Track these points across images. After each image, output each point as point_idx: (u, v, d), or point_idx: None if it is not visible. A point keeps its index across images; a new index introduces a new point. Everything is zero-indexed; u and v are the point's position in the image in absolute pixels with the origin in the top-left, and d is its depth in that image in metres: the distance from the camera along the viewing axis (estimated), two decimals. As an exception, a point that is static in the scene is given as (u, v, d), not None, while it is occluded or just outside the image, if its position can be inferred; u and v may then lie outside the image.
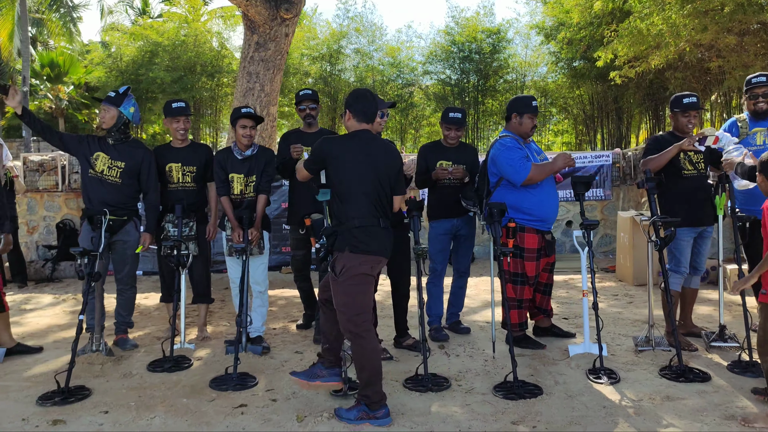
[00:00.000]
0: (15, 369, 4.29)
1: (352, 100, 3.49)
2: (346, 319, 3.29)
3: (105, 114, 4.51)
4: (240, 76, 10.97)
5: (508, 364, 4.22)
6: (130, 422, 3.31)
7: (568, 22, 17.84)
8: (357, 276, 3.27)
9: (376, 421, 3.25)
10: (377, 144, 3.47)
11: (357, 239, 3.27)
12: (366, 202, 3.32)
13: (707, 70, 15.63)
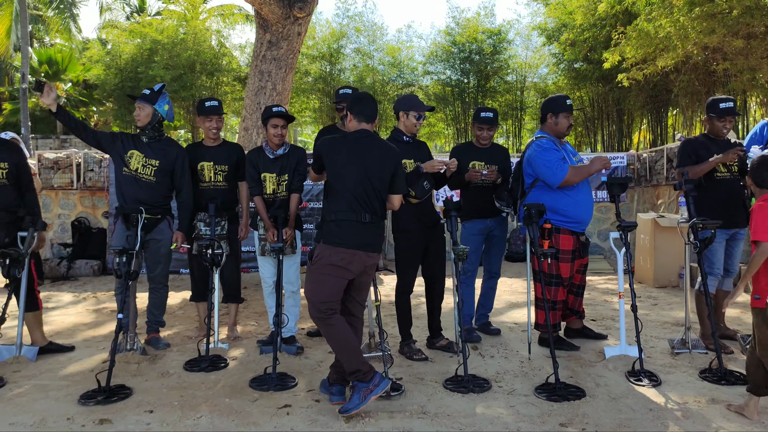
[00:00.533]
0: (50, 368, 4.27)
1: (353, 102, 3.64)
2: (312, 305, 3.44)
3: (140, 112, 4.49)
4: (252, 74, 10.94)
5: (544, 365, 4.25)
6: (177, 422, 3.29)
7: (570, 23, 17.91)
8: (327, 266, 3.40)
9: (377, 389, 3.33)
10: (369, 144, 3.55)
11: (331, 232, 3.43)
12: (348, 198, 3.44)
13: (711, 72, 15.66)
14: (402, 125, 4.44)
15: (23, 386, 3.89)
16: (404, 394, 3.69)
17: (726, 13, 10.85)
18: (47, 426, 3.25)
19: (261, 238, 4.63)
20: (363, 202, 3.47)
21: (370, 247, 3.50)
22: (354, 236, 3.43)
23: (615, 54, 13.30)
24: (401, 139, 4.45)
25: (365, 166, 3.47)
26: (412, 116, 4.40)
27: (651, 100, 17.74)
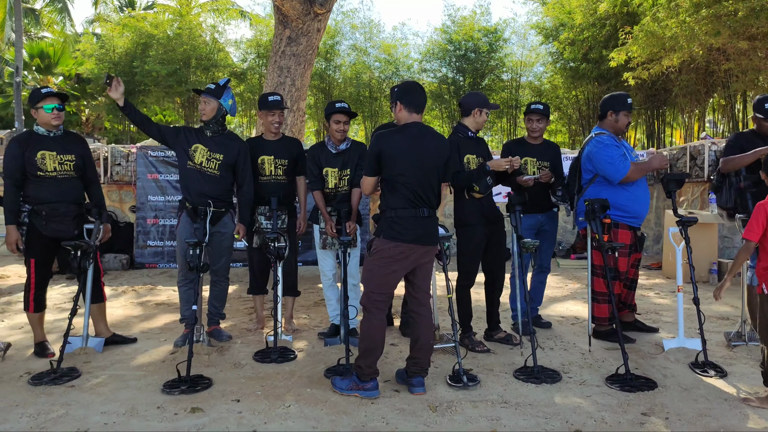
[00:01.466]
0: (119, 359, 4.31)
1: (403, 92, 3.65)
2: (365, 293, 3.59)
3: (205, 106, 4.52)
4: (270, 70, 10.97)
5: (606, 357, 4.33)
6: (267, 410, 3.34)
7: (569, 23, 18.06)
8: (385, 258, 3.52)
9: (364, 392, 3.51)
10: (424, 136, 3.60)
11: (390, 227, 3.51)
12: (407, 194, 3.51)
13: (711, 72, 15.85)
14: (472, 121, 4.49)
15: (99, 376, 3.93)
16: (480, 384, 3.75)
17: (731, 14, 10.98)
18: (139, 414, 3.30)
19: (323, 232, 4.68)
20: (421, 197, 3.54)
21: (428, 240, 3.59)
22: (412, 231, 3.51)
23: (622, 53, 13.40)
24: (466, 134, 4.51)
25: (423, 160, 3.54)
26: (485, 113, 4.47)
27: (649, 99, 17.88)
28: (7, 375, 3.98)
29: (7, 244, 4.16)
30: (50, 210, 4.26)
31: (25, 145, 4.21)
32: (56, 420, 3.24)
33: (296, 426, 3.15)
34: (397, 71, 23.07)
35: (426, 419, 3.25)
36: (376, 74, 23.02)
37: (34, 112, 4.28)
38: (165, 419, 3.24)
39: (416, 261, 3.60)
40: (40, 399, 3.54)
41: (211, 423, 3.18)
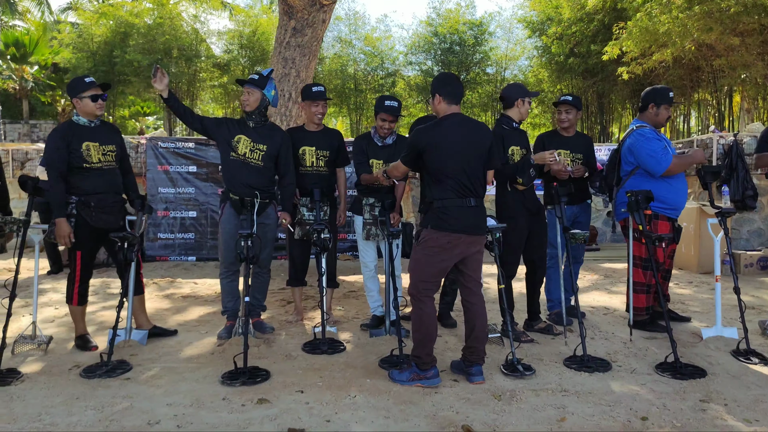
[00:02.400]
0: (166, 351, 4.29)
1: (440, 84, 3.68)
2: (412, 283, 3.63)
3: (249, 97, 4.49)
4: (275, 61, 10.90)
5: (648, 346, 4.40)
6: (334, 401, 3.35)
7: (556, 17, 18.22)
8: (433, 248, 3.56)
9: (426, 381, 3.54)
10: (467, 126, 3.64)
11: (438, 218, 3.54)
12: (452, 185, 3.55)
13: (698, 68, 16.12)
14: (516, 112, 4.50)
15: (152, 369, 3.91)
16: (536, 373, 3.79)
17: (724, 11, 11.14)
18: (206, 406, 3.29)
19: (367, 223, 4.69)
20: (467, 187, 3.57)
21: (476, 230, 3.62)
22: (460, 221, 3.54)
23: (615, 48, 13.53)
24: (510, 125, 4.54)
25: (466, 150, 3.57)
26: (527, 102, 4.49)
27: (635, 94, 18.07)
28: (57, 368, 3.94)
29: (59, 238, 4.11)
30: (98, 201, 4.22)
31: (69, 137, 4.15)
32: (123, 412, 3.22)
33: (368, 416, 3.17)
34: (383, 64, 23.09)
35: (494, 407, 3.29)
36: (361, 66, 23.03)
37: (77, 102, 4.22)
38: (234, 410, 3.24)
39: (464, 251, 3.62)
40: (98, 392, 3.51)
41: (282, 414, 3.19)
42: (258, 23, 22.08)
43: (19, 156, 11.06)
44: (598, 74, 17.88)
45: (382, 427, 3.04)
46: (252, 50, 22.31)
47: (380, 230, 4.64)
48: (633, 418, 3.16)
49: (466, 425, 3.06)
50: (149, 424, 3.08)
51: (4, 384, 3.60)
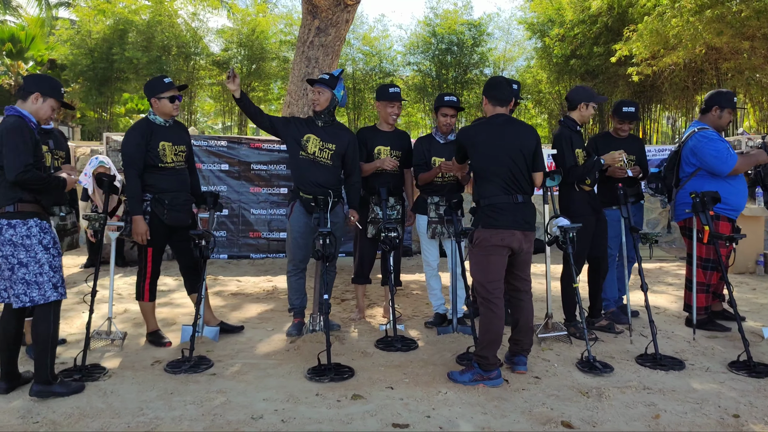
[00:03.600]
0: (240, 348, 4.34)
1: (488, 87, 3.82)
2: (481, 286, 3.65)
3: (320, 96, 4.54)
4: (297, 60, 10.93)
5: (713, 345, 4.47)
6: (427, 398, 3.40)
7: (558, 19, 18.33)
8: (489, 247, 3.61)
9: (489, 382, 3.58)
10: (510, 126, 3.73)
11: (488, 216, 3.62)
12: (499, 182, 3.63)
13: (701, 70, 16.28)
14: (578, 114, 4.57)
15: (233, 365, 3.96)
16: (614, 371, 3.85)
17: (735, 15, 11.26)
18: (302, 401, 3.34)
19: (432, 221, 4.74)
20: (513, 183, 3.65)
21: (526, 226, 3.68)
22: (510, 217, 3.61)
23: (625, 49, 13.62)
24: (575, 128, 4.60)
25: (510, 148, 3.65)
26: (591, 106, 4.55)
27: (636, 96, 18.18)
28: (138, 363, 3.99)
29: (136, 235, 4.14)
30: (171, 199, 4.26)
31: (147, 135, 4.19)
32: (223, 407, 3.27)
33: (465, 412, 3.22)
34: (381, 64, 23.18)
35: (586, 404, 3.35)
36: (359, 66, 23.12)
37: (155, 102, 4.25)
38: (332, 406, 3.29)
39: (517, 247, 3.67)
40: (190, 387, 3.56)
41: (380, 410, 3.24)
42: (257, 22, 22.14)
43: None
44: (599, 76, 17.99)
45: (483, 423, 3.10)
46: (250, 48, 22.40)
47: (446, 229, 4.69)
48: (725, 416, 3.23)
49: (566, 421, 3.12)
50: (253, 419, 3.13)
51: (92, 379, 3.64)
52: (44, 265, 3.29)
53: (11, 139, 3.17)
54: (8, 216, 3.24)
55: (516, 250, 3.67)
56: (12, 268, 3.24)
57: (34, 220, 3.30)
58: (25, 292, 3.25)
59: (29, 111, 3.33)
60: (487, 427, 3.06)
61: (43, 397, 3.33)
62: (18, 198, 3.24)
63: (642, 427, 3.08)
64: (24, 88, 3.34)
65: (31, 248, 3.25)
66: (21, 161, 3.15)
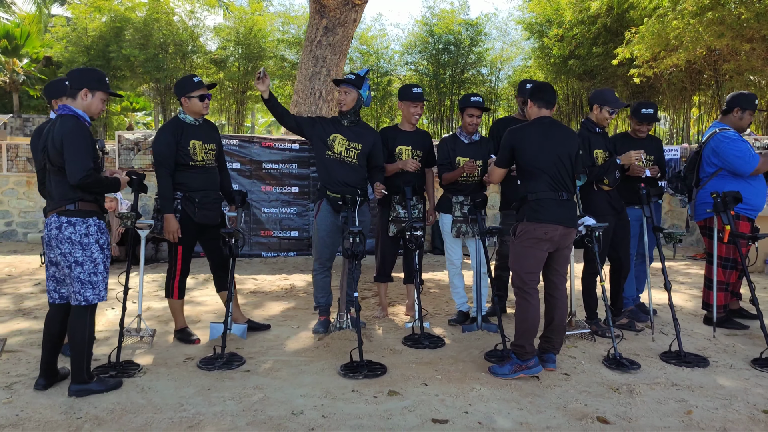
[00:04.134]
0: (269, 345, 4.38)
1: (534, 91, 3.93)
2: (518, 276, 3.78)
3: (346, 96, 4.58)
4: (305, 59, 10.99)
5: (733, 342, 4.54)
6: (461, 394, 3.46)
7: (557, 19, 18.45)
8: (531, 239, 3.73)
9: (529, 371, 3.69)
10: (555, 128, 3.85)
11: (534, 210, 3.73)
12: (546, 179, 3.74)
13: (700, 71, 16.43)
14: (594, 117, 4.64)
15: (265, 362, 4.00)
16: (641, 368, 3.92)
17: (736, 17, 11.38)
18: (339, 398, 3.39)
19: (457, 221, 4.79)
20: (559, 181, 3.77)
21: (569, 222, 3.78)
22: (554, 212, 3.72)
23: (627, 51, 13.71)
24: (593, 129, 4.67)
25: (556, 148, 3.77)
26: (605, 110, 4.61)
27: (635, 96, 18.31)
28: (170, 360, 4.03)
29: (167, 233, 4.19)
30: (202, 197, 4.30)
31: (178, 134, 4.23)
32: (262, 403, 3.32)
33: (502, 408, 3.28)
34: (378, 63, 23.25)
35: (618, 400, 3.41)
36: (357, 64, 23.20)
37: (185, 101, 4.29)
38: (370, 402, 3.34)
39: (557, 243, 3.78)
40: (225, 383, 3.60)
41: (418, 405, 3.29)
42: (254, 20, 22.21)
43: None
44: (597, 76, 18.13)
45: (521, 418, 3.15)
46: (248, 47, 22.50)
47: (470, 227, 4.74)
48: (755, 411, 3.29)
49: (601, 417, 3.18)
50: (293, 414, 3.18)
51: (127, 375, 3.69)
52: (99, 265, 3.33)
53: (73, 143, 3.20)
54: (68, 214, 3.28)
55: (557, 245, 3.76)
56: (70, 266, 3.28)
57: (93, 219, 3.34)
58: (79, 291, 3.29)
59: (82, 109, 3.36)
60: (525, 422, 3.11)
61: (81, 395, 3.36)
62: (79, 197, 3.29)
63: (676, 423, 3.14)
64: (70, 85, 3.37)
65: (88, 247, 3.29)
66: (83, 166, 3.19)
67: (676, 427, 3.08)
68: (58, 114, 3.33)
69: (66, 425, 3.04)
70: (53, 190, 3.33)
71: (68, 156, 3.20)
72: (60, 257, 3.29)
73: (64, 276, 3.37)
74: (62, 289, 3.45)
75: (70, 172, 3.19)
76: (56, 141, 3.23)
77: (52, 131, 3.28)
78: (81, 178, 3.18)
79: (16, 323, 4.92)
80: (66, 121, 3.27)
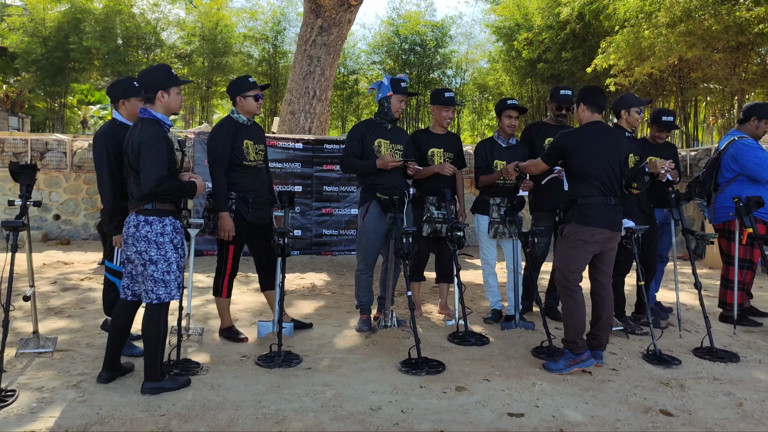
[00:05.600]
0: (317, 344, 4.46)
1: (586, 94, 4.09)
2: (562, 275, 3.95)
3: (402, 105, 4.68)
4: (299, 59, 11.05)
5: (751, 338, 4.82)
6: (525, 389, 3.60)
7: (525, 24, 19.08)
8: (578, 241, 3.90)
9: (583, 364, 3.85)
10: (608, 133, 4.03)
11: (583, 213, 3.90)
12: (596, 184, 3.92)
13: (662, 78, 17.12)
14: (624, 122, 4.84)
15: (322, 360, 4.08)
16: (682, 364, 4.13)
17: (706, 29, 11.95)
18: (411, 393, 3.50)
19: (494, 222, 4.94)
20: (608, 186, 3.95)
21: (616, 226, 3.98)
22: (602, 216, 3.90)
23: (604, 62, 14.14)
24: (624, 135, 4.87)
25: (608, 154, 3.95)
26: (634, 112, 4.81)
27: None
28: (227, 358, 4.08)
29: (222, 232, 4.22)
30: (255, 197, 4.35)
31: (233, 133, 4.27)
32: (337, 399, 3.40)
33: (568, 402, 3.43)
34: (345, 61, 23.43)
35: (672, 394, 3.60)
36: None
37: (241, 100, 4.34)
38: (442, 397, 3.45)
39: (603, 245, 3.97)
40: (292, 381, 3.67)
41: (489, 400, 3.43)
42: (220, 15, 22.13)
43: (39, 146, 10.83)
44: (563, 80, 18.69)
45: (589, 412, 3.32)
46: (213, 42, 22.41)
47: (507, 229, 4.90)
48: (799, 403, 3.53)
49: (664, 410, 3.36)
50: (372, 410, 3.27)
51: (192, 374, 3.72)
52: (172, 264, 3.36)
53: (149, 151, 3.24)
54: (146, 213, 3.31)
55: (602, 248, 3.94)
56: (144, 264, 3.30)
57: (169, 218, 3.38)
58: (152, 289, 3.32)
59: (162, 110, 3.39)
60: (595, 415, 3.27)
61: (155, 393, 3.39)
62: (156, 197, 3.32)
63: (732, 415, 3.34)
64: (144, 91, 3.39)
65: (162, 246, 3.32)
66: (156, 174, 3.22)
67: (735, 419, 3.28)
68: (141, 117, 3.36)
69: (153, 423, 3.07)
70: (133, 189, 3.36)
71: (143, 163, 3.24)
72: (135, 255, 3.32)
73: (137, 273, 3.39)
74: (135, 286, 3.48)
75: (144, 180, 3.23)
76: (135, 146, 3.27)
77: (134, 134, 3.31)
78: (152, 187, 3.22)
79: (52, 322, 4.88)
80: (146, 126, 3.31)
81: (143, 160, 3.25)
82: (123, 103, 4.01)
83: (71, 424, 3.03)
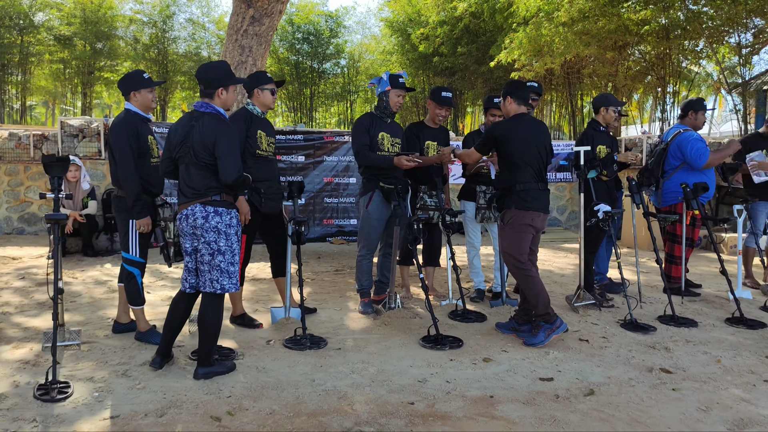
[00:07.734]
0: (332, 327, 4.67)
1: (512, 88, 4.52)
2: (514, 258, 4.31)
3: (401, 99, 4.94)
4: (229, 48, 10.99)
5: (697, 306, 5.52)
6: (539, 357, 4.02)
7: (417, 19, 20.12)
8: (521, 225, 4.31)
9: (559, 330, 4.25)
10: (535, 124, 4.52)
11: (522, 199, 4.30)
12: (530, 171, 4.38)
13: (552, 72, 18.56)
14: (601, 117, 5.40)
15: (346, 341, 4.31)
16: (657, 330, 4.72)
17: (600, 29, 13.21)
18: (445, 366, 3.82)
19: (481, 207, 5.33)
20: (539, 172, 4.42)
21: (547, 209, 4.48)
22: (538, 201, 4.37)
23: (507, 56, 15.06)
24: (598, 128, 5.43)
25: (538, 142, 4.40)
26: (610, 110, 5.38)
27: (492, 91, 20.20)
28: (254, 343, 4.21)
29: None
30: (267, 187, 4.47)
31: (248, 123, 4.37)
32: (382, 374, 3.66)
33: (583, 367, 3.90)
34: None
35: (662, 355, 4.16)
36: (216, 50, 23.14)
37: (258, 92, 4.44)
38: (475, 368, 3.81)
39: (538, 228, 4.43)
40: (330, 360, 3.89)
41: (517, 368, 3.82)
42: None
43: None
44: (456, 73, 19.71)
45: (606, 373, 3.79)
46: (96, 25, 21.56)
47: (493, 213, 5.31)
48: (761, 357, 4.19)
49: (664, 368, 3.90)
50: (419, 382, 3.57)
51: (230, 358, 3.83)
52: (236, 255, 3.46)
53: (230, 144, 3.35)
54: (215, 204, 3.38)
55: (538, 230, 4.40)
56: (212, 254, 3.38)
57: (234, 211, 3.47)
58: (217, 279, 3.41)
59: (221, 106, 3.48)
60: (610, 375, 3.76)
61: (208, 377, 3.50)
62: (222, 188, 3.39)
63: (717, 370, 3.92)
64: (205, 86, 3.46)
65: (230, 237, 3.41)
66: (238, 165, 3.34)
67: (720, 373, 3.88)
68: (201, 111, 3.42)
69: (225, 404, 3.19)
70: (196, 182, 3.40)
71: (224, 155, 3.33)
72: (203, 245, 3.39)
73: (201, 264, 3.45)
74: (192, 278, 3.54)
75: (226, 171, 3.32)
76: (207, 139, 3.34)
77: (199, 127, 3.37)
78: (236, 179, 3.33)
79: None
80: (214, 121, 3.40)
81: (224, 152, 3.33)
82: (134, 95, 4.09)
83: (146, 408, 3.10)
